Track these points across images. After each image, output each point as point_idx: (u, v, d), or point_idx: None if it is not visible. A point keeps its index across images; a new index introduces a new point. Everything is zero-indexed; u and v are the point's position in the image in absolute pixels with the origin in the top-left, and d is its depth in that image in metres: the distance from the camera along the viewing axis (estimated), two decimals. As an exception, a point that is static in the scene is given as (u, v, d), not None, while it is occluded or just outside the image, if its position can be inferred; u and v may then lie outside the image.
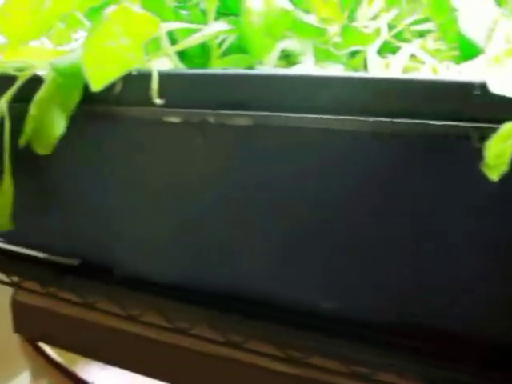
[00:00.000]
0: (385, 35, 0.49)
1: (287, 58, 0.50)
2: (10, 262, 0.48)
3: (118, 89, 0.38)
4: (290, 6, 0.44)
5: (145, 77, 0.38)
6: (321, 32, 0.47)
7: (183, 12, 0.48)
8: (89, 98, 0.39)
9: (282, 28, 0.44)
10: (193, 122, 0.37)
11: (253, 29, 0.43)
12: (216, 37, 0.46)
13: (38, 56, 0.44)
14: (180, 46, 0.43)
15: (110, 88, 0.38)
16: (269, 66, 0.48)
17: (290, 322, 0.38)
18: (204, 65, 0.48)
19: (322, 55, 0.50)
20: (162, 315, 0.41)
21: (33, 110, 0.40)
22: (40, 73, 0.42)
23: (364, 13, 0.52)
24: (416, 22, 0.52)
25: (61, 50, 0.44)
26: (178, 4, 0.48)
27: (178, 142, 0.38)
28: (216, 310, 0.39)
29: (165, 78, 0.37)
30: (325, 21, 0.48)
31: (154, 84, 0.37)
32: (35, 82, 0.42)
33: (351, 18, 0.51)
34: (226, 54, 0.48)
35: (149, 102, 0.37)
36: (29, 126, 0.39)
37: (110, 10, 0.35)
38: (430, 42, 0.51)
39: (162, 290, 0.43)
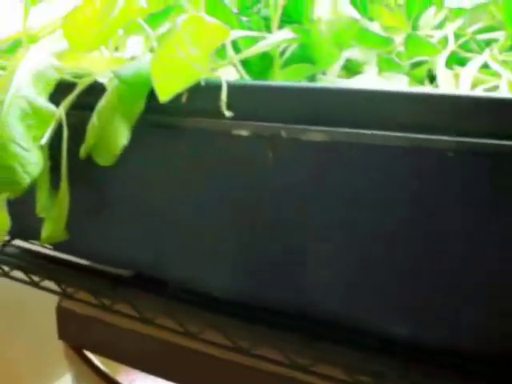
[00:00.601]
0: (452, 45, 0.47)
1: (349, 67, 0.49)
2: (61, 271, 0.48)
3: (184, 99, 0.37)
4: (357, 15, 0.43)
5: (214, 88, 0.36)
6: (387, 42, 0.46)
7: (244, 18, 0.46)
8: (153, 108, 0.38)
9: (349, 37, 0.43)
10: (263, 136, 0.36)
11: (320, 38, 0.42)
12: (278, 45, 0.45)
13: (97, 63, 0.43)
14: (245, 55, 0.42)
15: (175, 98, 0.37)
16: (332, 76, 0.47)
17: (357, 345, 0.37)
18: (265, 73, 0.47)
19: (385, 65, 0.49)
20: (221, 332, 0.40)
21: (95, 119, 0.39)
22: (100, 80, 0.41)
23: (428, 21, 0.50)
24: (481, 31, 0.51)
25: (119, 58, 0.43)
26: (239, 11, 0.47)
27: (247, 155, 0.37)
28: (279, 330, 0.38)
29: (234, 89, 0.36)
30: (389, 29, 0.47)
31: (224, 95, 0.36)
32: (95, 89, 0.42)
33: (415, 26, 0.50)
34: (287, 62, 0.47)
35: (217, 114, 0.36)
36: (90, 137, 0.38)
37: (182, 18, 0.34)
38: (496, 52, 0.49)
39: (222, 306, 0.42)
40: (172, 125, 0.38)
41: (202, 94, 0.37)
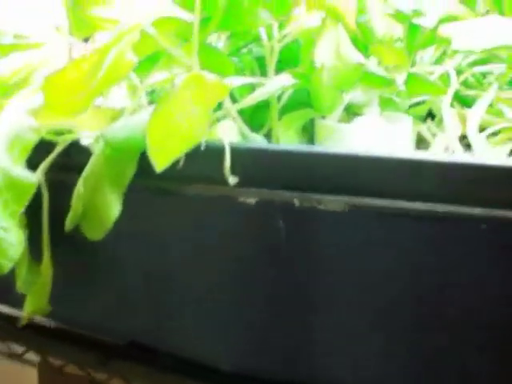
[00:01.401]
0: (455, 84, 0.45)
1: (349, 108, 0.46)
2: (45, 340, 0.43)
3: (181, 164, 0.34)
4: (360, 58, 0.40)
5: (215, 151, 0.33)
6: (389, 82, 0.43)
7: (234, 59, 0.43)
8: (146, 172, 0.34)
9: (353, 82, 0.40)
10: (273, 204, 0.32)
11: (322, 84, 0.39)
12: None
13: (80, 117, 0.39)
14: (243, 105, 0.39)
15: (172, 162, 0.34)
16: (333, 121, 0.44)
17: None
18: (261, 119, 0.43)
19: (386, 105, 0.46)
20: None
21: (80, 187, 0.35)
22: (84, 140, 0.37)
23: (428, 56, 0.48)
24: (479, 63, 0.48)
25: (104, 110, 0.39)
26: (229, 51, 0.43)
27: (254, 225, 0.34)
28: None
29: (239, 152, 0.33)
30: (389, 68, 0.44)
31: (227, 161, 0.32)
32: (78, 148, 0.38)
33: (414, 62, 0.47)
34: (284, 107, 0.44)
35: (220, 180, 0.33)
36: (77, 207, 0.34)
37: (181, 80, 0.31)
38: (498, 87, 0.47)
39: (224, 379, 0.39)
40: (168, 191, 0.35)
41: (203, 158, 0.33)
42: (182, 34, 0.37)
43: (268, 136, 0.42)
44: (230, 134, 0.36)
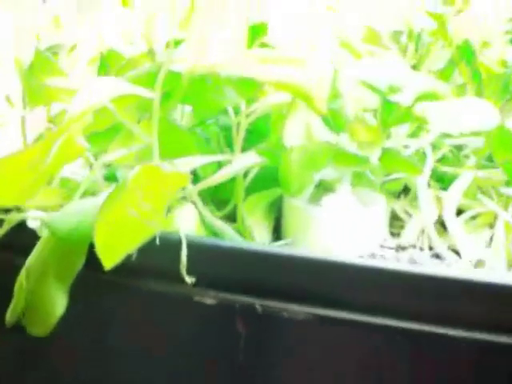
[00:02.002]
0: (431, 163, 0.43)
1: (321, 184, 0.44)
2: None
3: (134, 257, 0.31)
4: (331, 137, 0.38)
5: (171, 245, 0.30)
6: (362, 160, 0.41)
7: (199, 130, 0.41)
8: (95, 263, 0.31)
9: (324, 163, 0.38)
10: (233, 308, 0.30)
11: (291, 165, 0.36)
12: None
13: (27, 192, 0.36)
14: (204, 185, 0.36)
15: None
16: (303, 201, 0.41)
17: None
18: (225, 196, 0.41)
19: (359, 181, 0.44)
20: None
21: (23, 279, 0.32)
22: (31, 222, 0.35)
23: (403, 130, 0.46)
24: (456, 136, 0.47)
25: (53, 191, 0.36)
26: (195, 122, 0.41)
27: (211, 328, 0.31)
28: None
29: (196, 248, 0.30)
30: (362, 144, 0.42)
31: (183, 257, 0.30)
32: (25, 228, 0.35)
33: (388, 134, 0.45)
34: (251, 185, 0.41)
35: (176, 277, 0.30)
36: (18, 302, 0.31)
37: (134, 172, 0.28)
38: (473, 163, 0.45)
39: None
40: (120, 285, 0.32)
41: (158, 252, 0.31)
42: (143, 109, 0.35)
43: (232, 216, 0.39)
44: (189, 221, 0.34)
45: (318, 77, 0.32)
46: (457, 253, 0.39)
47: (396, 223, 0.46)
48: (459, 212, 0.42)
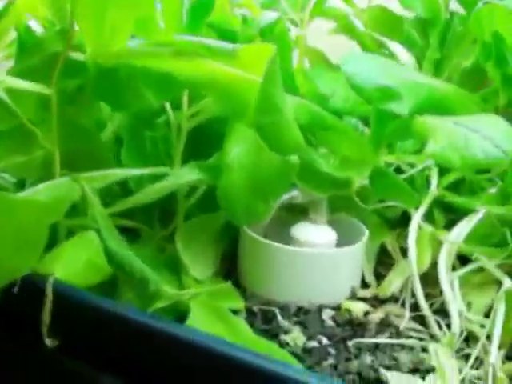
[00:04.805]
0: (435, 190, 0.33)
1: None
2: None
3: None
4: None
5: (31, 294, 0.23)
6: (341, 183, 0.32)
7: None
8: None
9: (282, 184, 0.29)
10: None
11: (234, 188, 0.28)
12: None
13: None
14: (134, 201, 0.28)
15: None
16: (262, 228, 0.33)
17: None
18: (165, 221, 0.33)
19: (343, 205, 0.35)
20: None
21: None
22: None
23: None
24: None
25: None
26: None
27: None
28: None
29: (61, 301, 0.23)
30: (347, 161, 0.33)
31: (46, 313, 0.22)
32: None
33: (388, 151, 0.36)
34: (195, 206, 0.33)
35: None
36: None
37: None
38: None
39: None
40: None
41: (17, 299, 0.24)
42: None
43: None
44: (86, 252, 0.26)
45: (254, 76, 0.24)
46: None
47: (387, 260, 0.38)
48: (465, 260, 0.32)
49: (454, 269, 0.31)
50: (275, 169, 0.29)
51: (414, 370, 0.25)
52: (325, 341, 0.28)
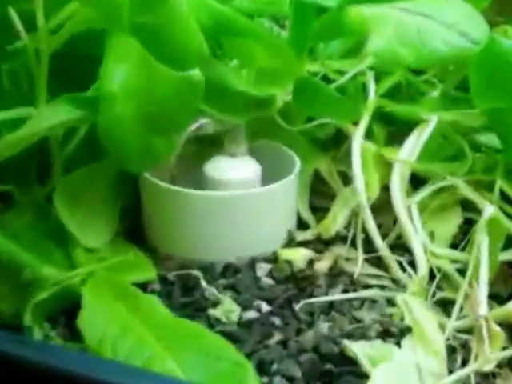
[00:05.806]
0: (373, 99, 0.27)
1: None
2: None
3: None
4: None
5: None
6: (263, 102, 0.25)
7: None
8: None
9: (181, 112, 0.22)
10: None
11: (118, 123, 0.21)
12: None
13: None
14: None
15: None
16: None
17: None
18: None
19: (265, 128, 0.29)
20: None
21: None
22: None
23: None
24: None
25: None
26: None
27: None
28: None
29: None
30: (264, 72, 0.26)
31: None
32: None
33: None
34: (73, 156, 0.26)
35: None
36: None
37: None
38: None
39: None
40: None
41: None
42: None
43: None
44: None
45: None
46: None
47: (324, 190, 0.32)
48: (419, 181, 0.27)
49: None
50: (173, 90, 0.22)
51: (384, 334, 0.20)
52: (265, 307, 0.22)
